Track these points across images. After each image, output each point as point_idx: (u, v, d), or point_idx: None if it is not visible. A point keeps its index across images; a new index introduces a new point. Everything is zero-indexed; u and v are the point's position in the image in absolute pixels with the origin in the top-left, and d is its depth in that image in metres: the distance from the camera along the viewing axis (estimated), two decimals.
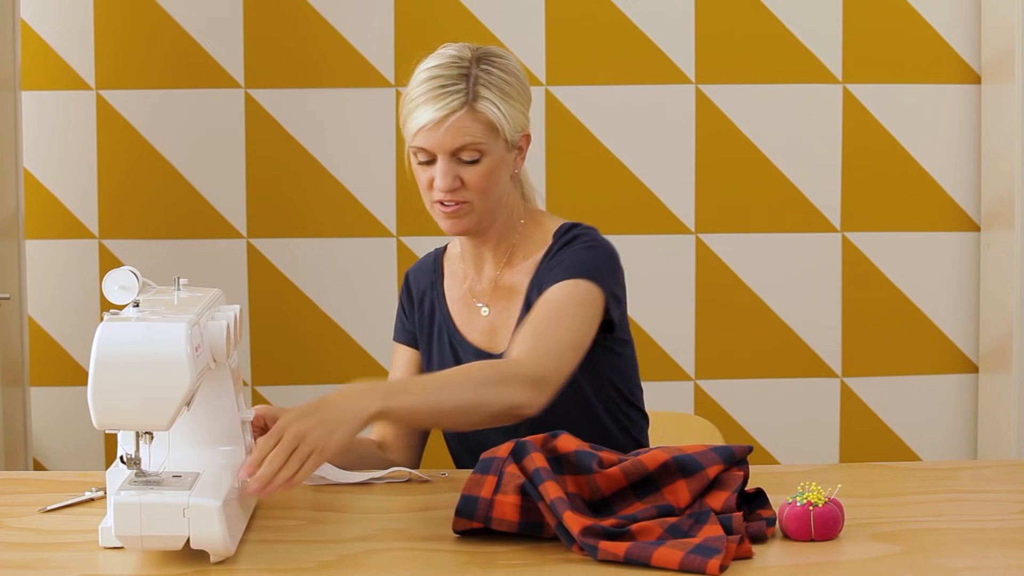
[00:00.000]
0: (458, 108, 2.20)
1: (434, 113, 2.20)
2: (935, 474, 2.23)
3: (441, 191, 2.23)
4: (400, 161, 3.65)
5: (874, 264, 3.71)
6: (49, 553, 1.86)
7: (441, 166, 2.22)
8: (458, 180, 2.22)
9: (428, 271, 2.43)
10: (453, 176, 2.22)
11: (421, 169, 2.26)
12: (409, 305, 2.42)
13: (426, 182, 2.25)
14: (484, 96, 2.22)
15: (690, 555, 1.76)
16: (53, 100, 3.61)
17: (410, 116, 2.23)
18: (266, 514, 2.03)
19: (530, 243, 2.35)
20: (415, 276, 2.44)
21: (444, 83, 2.21)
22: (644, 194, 3.66)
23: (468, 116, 2.21)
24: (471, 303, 2.37)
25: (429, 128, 2.21)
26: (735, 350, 3.70)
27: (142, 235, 3.64)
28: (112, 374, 1.76)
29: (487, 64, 2.24)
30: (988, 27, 3.62)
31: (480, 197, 2.24)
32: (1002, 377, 3.59)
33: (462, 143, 2.21)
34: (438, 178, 2.22)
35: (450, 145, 2.21)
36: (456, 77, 2.22)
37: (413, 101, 2.23)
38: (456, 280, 2.40)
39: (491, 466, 1.91)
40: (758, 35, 3.65)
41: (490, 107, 2.22)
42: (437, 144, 2.21)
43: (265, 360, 3.68)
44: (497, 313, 2.34)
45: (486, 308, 2.35)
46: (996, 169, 3.60)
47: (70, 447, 3.66)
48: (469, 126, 2.21)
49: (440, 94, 2.21)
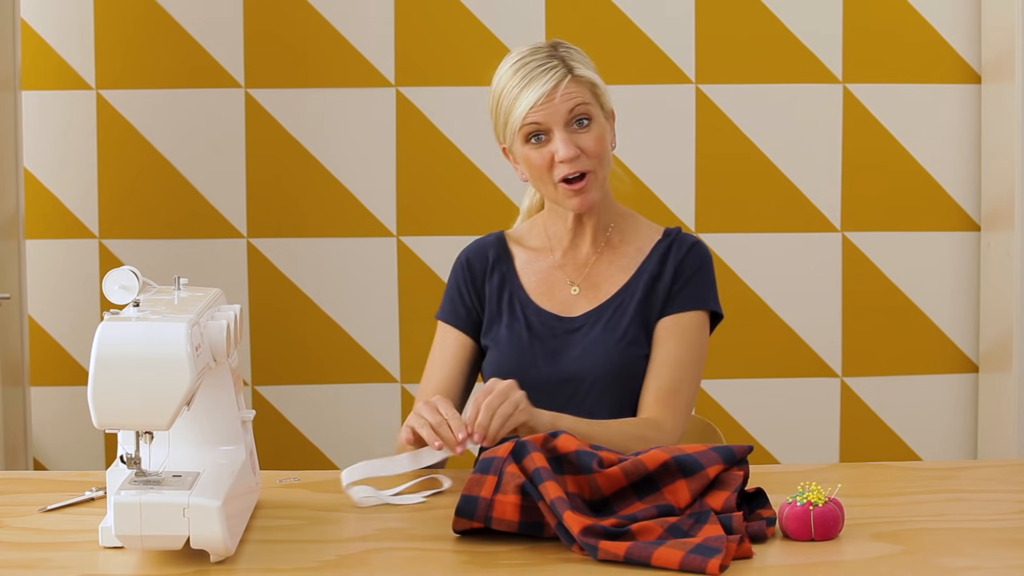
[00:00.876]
0: (563, 78, 2.32)
1: (543, 87, 2.31)
2: (935, 474, 2.23)
3: (565, 160, 2.31)
4: (400, 161, 3.66)
5: (874, 264, 3.71)
6: (49, 553, 1.86)
7: (560, 136, 2.32)
8: (577, 148, 2.32)
9: (493, 248, 2.47)
10: (574, 144, 2.32)
11: (534, 151, 2.34)
12: (471, 284, 2.45)
13: (544, 162, 2.33)
14: (579, 66, 2.35)
15: (690, 555, 1.76)
16: (53, 100, 3.61)
17: (516, 103, 2.33)
18: (266, 514, 2.03)
19: (627, 230, 2.45)
20: (476, 255, 2.48)
21: (539, 63, 2.34)
22: (644, 194, 3.66)
23: (573, 83, 2.33)
24: (559, 279, 2.43)
25: (542, 102, 2.31)
26: (735, 350, 3.70)
27: (142, 235, 3.64)
28: (112, 374, 1.76)
29: (564, 48, 2.38)
30: (988, 27, 3.62)
31: (599, 163, 2.35)
32: (1002, 377, 3.59)
33: (574, 105, 2.32)
34: (560, 148, 2.31)
35: (564, 111, 2.32)
36: (546, 58, 2.34)
37: (513, 90, 2.33)
38: (538, 255, 2.45)
39: (491, 466, 1.91)
40: (758, 35, 3.65)
41: (589, 72, 2.35)
42: (553, 114, 2.31)
43: (265, 360, 3.68)
44: (586, 291, 2.41)
45: (576, 287, 2.42)
46: (996, 169, 3.60)
47: (70, 447, 3.66)
48: (577, 90, 2.33)
49: (540, 72, 2.32)
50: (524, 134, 2.33)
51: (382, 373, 3.69)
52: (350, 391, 3.68)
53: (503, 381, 2.15)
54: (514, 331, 2.39)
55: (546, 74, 2.32)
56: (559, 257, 2.44)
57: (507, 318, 2.41)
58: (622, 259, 2.43)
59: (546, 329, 2.39)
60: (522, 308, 2.41)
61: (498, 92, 2.36)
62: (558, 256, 2.44)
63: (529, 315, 2.40)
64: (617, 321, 2.37)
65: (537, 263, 2.45)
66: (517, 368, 2.35)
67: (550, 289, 2.42)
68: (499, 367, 2.37)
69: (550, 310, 2.41)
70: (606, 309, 2.38)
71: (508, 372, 2.34)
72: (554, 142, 2.32)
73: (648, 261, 2.41)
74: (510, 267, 2.45)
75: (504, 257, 2.46)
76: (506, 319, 2.41)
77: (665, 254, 2.41)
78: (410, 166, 3.65)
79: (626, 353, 2.35)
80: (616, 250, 2.44)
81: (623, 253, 2.44)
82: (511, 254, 2.46)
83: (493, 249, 2.47)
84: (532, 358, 2.37)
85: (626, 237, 2.45)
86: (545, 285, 2.43)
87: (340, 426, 3.69)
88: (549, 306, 2.41)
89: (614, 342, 2.35)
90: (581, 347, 2.36)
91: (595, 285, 2.42)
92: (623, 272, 2.42)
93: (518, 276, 2.44)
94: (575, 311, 2.41)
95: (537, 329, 2.39)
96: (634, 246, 2.44)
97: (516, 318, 2.40)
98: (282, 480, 2.20)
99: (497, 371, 2.36)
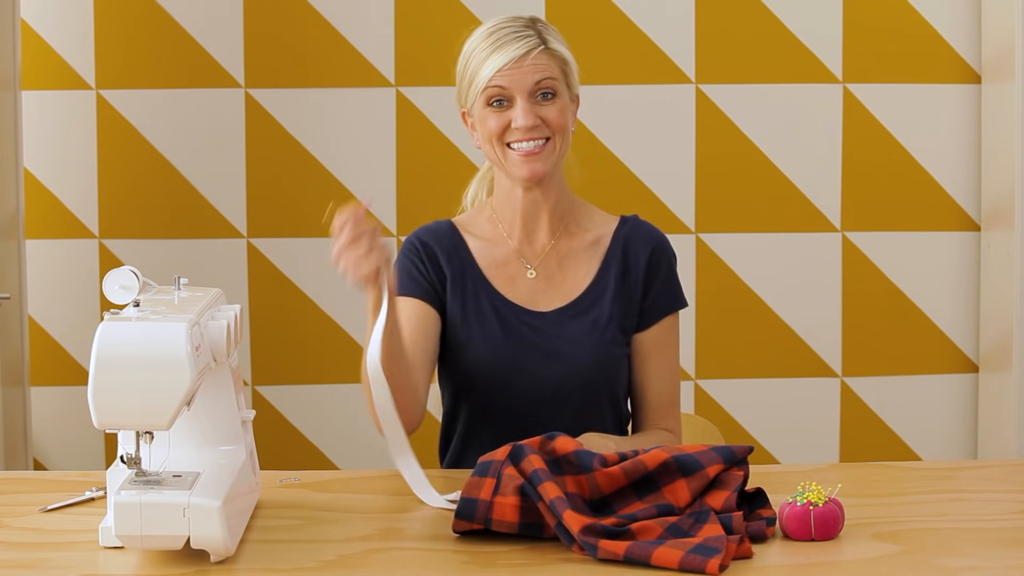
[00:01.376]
0: (535, 47, 2.31)
1: (513, 52, 2.29)
2: (935, 474, 2.23)
3: (523, 129, 2.29)
4: (400, 161, 3.66)
5: (874, 264, 3.71)
6: (49, 553, 1.86)
7: (522, 104, 2.29)
8: (538, 118, 2.29)
9: (446, 235, 2.41)
10: (534, 114, 2.29)
11: (493, 115, 2.31)
12: (428, 262, 2.38)
13: (498, 127, 2.31)
14: (553, 41, 2.34)
15: (690, 555, 1.76)
16: (53, 100, 3.61)
17: (483, 65, 2.31)
18: (266, 514, 2.03)
19: (582, 217, 2.42)
20: (429, 237, 2.41)
21: (514, 30, 2.32)
22: (644, 194, 3.66)
23: (545, 54, 2.32)
24: (517, 265, 2.39)
25: (510, 67, 2.29)
26: (735, 350, 3.70)
27: (142, 235, 3.64)
28: (112, 374, 1.76)
29: (542, 24, 2.37)
30: (988, 27, 3.62)
31: (560, 135, 2.32)
32: (1002, 377, 3.59)
33: (541, 77, 2.30)
34: (519, 117, 2.29)
35: (530, 81, 2.29)
36: (522, 27, 2.33)
37: (483, 51, 2.32)
38: (492, 244, 2.41)
39: (489, 468, 1.91)
40: (758, 35, 3.65)
41: (562, 48, 2.34)
42: (518, 80, 2.29)
43: (265, 360, 3.68)
44: (546, 277, 2.38)
45: (533, 271, 2.39)
46: (996, 169, 3.60)
47: (70, 447, 3.66)
48: (547, 63, 2.31)
49: (514, 38, 2.31)
50: (487, 97, 2.30)
51: None
52: (350, 391, 3.68)
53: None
54: (487, 326, 2.35)
55: (518, 41, 2.30)
56: (515, 244, 2.40)
57: (474, 312, 2.36)
58: (581, 247, 2.40)
59: (520, 323, 2.35)
60: (489, 300, 2.36)
61: (467, 54, 2.34)
62: (514, 243, 2.40)
63: (499, 308, 2.36)
64: (595, 319, 2.35)
65: (494, 251, 2.40)
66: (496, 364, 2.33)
67: (512, 278, 2.38)
68: (477, 364, 2.34)
69: (517, 301, 2.37)
70: (581, 306, 2.36)
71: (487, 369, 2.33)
72: (514, 109, 2.29)
73: (612, 253, 2.39)
74: (468, 255, 2.39)
75: (460, 245, 2.40)
76: (473, 313, 2.36)
77: (628, 245, 2.39)
78: (410, 166, 3.65)
79: (607, 352, 2.34)
80: (574, 237, 2.40)
81: (581, 240, 2.40)
82: (465, 243, 2.41)
83: (446, 236, 2.41)
84: (509, 353, 2.34)
85: (583, 224, 2.41)
86: (505, 273, 2.39)
87: (340, 426, 3.69)
88: (515, 296, 2.37)
89: (596, 341, 2.34)
90: (561, 344, 2.34)
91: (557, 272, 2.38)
92: (587, 264, 2.39)
93: (478, 266, 2.39)
94: (540, 305, 2.37)
95: (510, 323, 2.35)
96: (592, 233, 2.41)
97: (484, 312, 2.36)
98: (282, 480, 2.20)
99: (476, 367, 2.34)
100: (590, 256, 2.40)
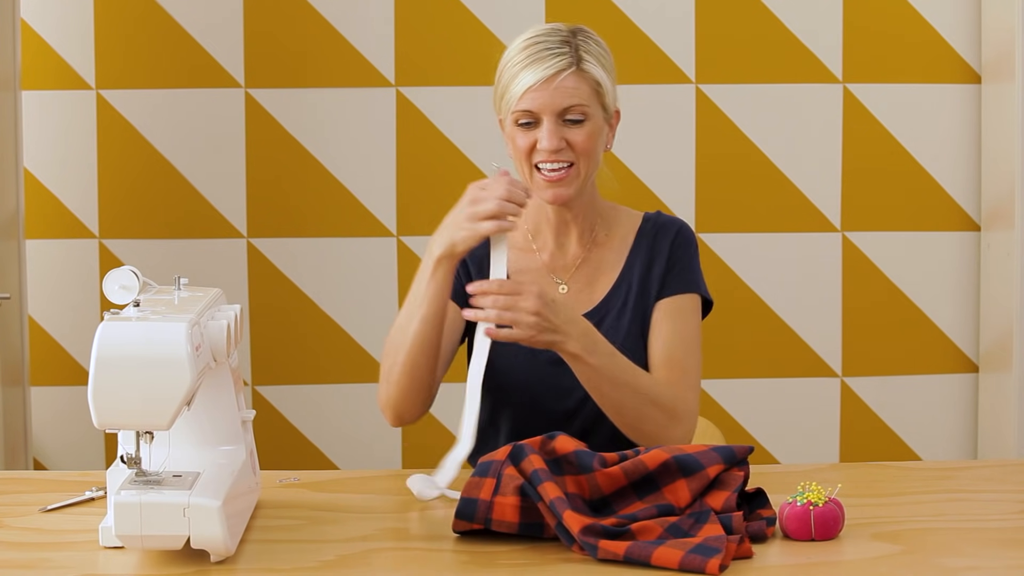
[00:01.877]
0: (566, 68, 2.24)
1: (543, 72, 2.23)
2: (935, 474, 2.23)
3: (547, 151, 2.25)
4: (400, 161, 3.66)
5: (874, 264, 3.71)
6: (49, 553, 1.86)
7: (548, 126, 2.25)
8: (563, 141, 2.25)
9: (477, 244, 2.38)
10: (559, 137, 2.25)
11: (521, 132, 2.27)
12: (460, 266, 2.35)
13: (526, 146, 2.27)
14: (588, 60, 2.27)
15: (690, 555, 1.76)
16: (53, 100, 3.61)
17: (514, 79, 2.25)
18: (266, 514, 2.03)
19: (611, 222, 2.39)
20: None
21: (549, 46, 2.25)
22: (644, 194, 3.66)
23: (576, 76, 2.25)
24: (547, 279, 2.36)
25: (537, 88, 2.23)
26: (735, 350, 3.70)
27: (142, 235, 3.64)
28: (112, 374, 1.76)
29: (584, 36, 2.29)
30: (988, 27, 3.62)
31: (585, 160, 2.28)
32: (1002, 377, 3.59)
33: (569, 103, 2.24)
34: (544, 139, 2.24)
35: (558, 104, 2.24)
36: (559, 43, 2.26)
37: (516, 66, 2.26)
38: (523, 255, 2.39)
39: (489, 469, 1.91)
40: (758, 35, 3.65)
41: (596, 69, 2.27)
42: (546, 103, 2.24)
43: (265, 360, 3.68)
44: (577, 291, 2.36)
45: (565, 286, 2.36)
46: (996, 169, 3.60)
47: (70, 447, 3.66)
48: (576, 86, 2.25)
49: (547, 55, 2.24)
50: (515, 117, 2.27)
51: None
52: (350, 391, 3.68)
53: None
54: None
55: (551, 59, 2.24)
56: (546, 258, 2.39)
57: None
58: (609, 254, 2.38)
59: None
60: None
61: (504, 63, 2.29)
62: (545, 257, 2.39)
63: None
64: (616, 323, 2.34)
65: (524, 262, 2.39)
66: (519, 378, 2.33)
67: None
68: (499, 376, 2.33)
69: None
70: (603, 311, 2.35)
71: (510, 383, 2.32)
72: (541, 130, 2.25)
73: (635, 251, 2.37)
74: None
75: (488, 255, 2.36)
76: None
77: (652, 239, 2.37)
78: (410, 166, 3.65)
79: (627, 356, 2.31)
80: (603, 246, 2.39)
81: (609, 247, 2.39)
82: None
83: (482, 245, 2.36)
84: (533, 366, 2.33)
85: (611, 231, 2.40)
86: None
87: (340, 426, 3.69)
88: None
89: (617, 345, 2.30)
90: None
91: (587, 284, 2.37)
92: (613, 268, 2.37)
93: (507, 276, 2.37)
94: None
95: None
96: (618, 237, 2.39)
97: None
98: (282, 480, 2.20)
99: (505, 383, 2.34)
100: (617, 258, 2.38)
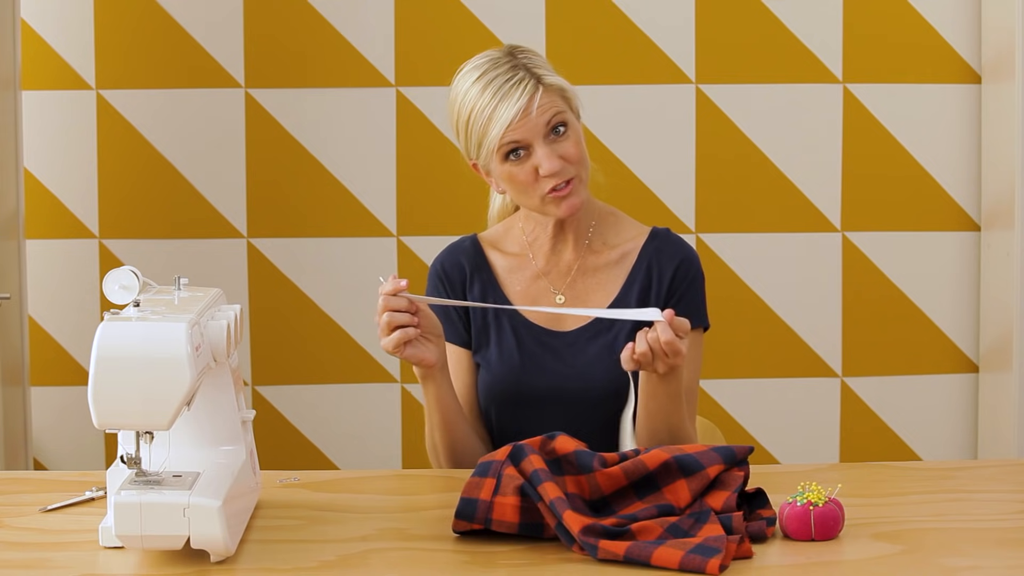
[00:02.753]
0: (534, 90, 2.25)
1: (517, 104, 2.24)
2: (935, 474, 2.23)
3: (550, 172, 2.25)
4: (400, 160, 3.65)
5: (874, 264, 3.71)
6: (49, 553, 1.86)
7: (541, 151, 2.25)
8: (560, 159, 2.26)
9: (468, 255, 2.41)
10: (556, 156, 2.25)
11: (516, 167, 2.27)
12: (452, 290, 2.39)
13: (528, 177, 2.27)
14: (543, 73, 2.28)
15: (690, 555, 1.76)
16: (53, 100, 3.61)
17: (490, 122, 2.25)
18: (266, 514, 2.03)
19: (608, 232, 2.39)
20: (450, 263, 2.41)
21: (505, 78, 2.26)
22: (644, 194, 3.66)
23: (545, 93, 2.26)
24: (544, 289, 2.37)
25: (519, 119, 2.24)
26: (735, 350, 3.70)
27: (142, 235, 3.64)
28: (112, 374, 1.76)
29: (523, 53, 2.30)
30: (988, 27, 3.62)
31: (581, 167, 2.29)
32: (1002, 377, 3.59)
33: (551, 116, 2.26)
34: (544, 162, 2.25)
35: (542, 124, 2.25)
36: (510, 70, 2.27)
37: (485, 109, 2.25)
38: (519, 263, 2.40)
39: (489, 469, 1.91)
40: (758, 35, 3.65)
41: (554, 78, 2.29)
42: (532, 128, 2.24)
43: (265, 360, 3.68)
44: (573, 298, 2.36)
45: (562, 296, 2.37)
46: (996, 169, 3.60)
47: (70, 447, 3.66)
48: (550, 100, 2.27)
49: (508, 87, 2.25)
50: (503, 153, 2.26)
51: (382, 373, 3.69)
52: (350, 391, 3.68)
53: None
54: (504, 349, 2.35)
55: (516, 88, 2.24)
56: (542, 264, 2.38)
57: (495, 334, 2.36)
58: (607, 266, 2.37)
59: (538, 344, 2.34)
60: (510, 322, 2.36)
61: (467, 110, 2.27)
62: (540, 263, 2.38)
63: (519, 329, 2.35)
64: (612, 338, 2.33)
65: (519, 271, 2.39)
66: (510, 386, 2.33)
67: (536, 301, 2.37)
68: (491, 387, 2.35)
69: (539, 323, 2.36)
70: (600, 327, 2.33)
71: (500, 391, 2.33)
72: (535, 156, 2.25)
73: (637, 269, 2.36)
74: (490, 276, 2.39)
75: (483, 265, 2.40)
76: (494, 335, 2.36)
77: (654, 260, 2.36)
78: (410, 166, 3.65)
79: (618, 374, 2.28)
80: (600, 255, 2.38)
81: (607, 259, 2.38)
82: (489, 261, 2.41)
83: (468, 256, 2.41)
84: (524, 375, 2.33)
85: (609, 240, 2.39)
86: (530, 296, 2.38)
87: (340, 426, 3.69)
88: (537, 318, 2.36)
89: (610, 360, 2.29)
90: (577, 366, 2.33)
91: (582, 294, 2.37)
92: (612, 282, 2.36)
93: (501, 287, 2.39)
94: (565, 325, 2.36)
95: (528, 345, 2.34)
96: (618, 250, 2.38)
97: (504, 333, 2.36)
98: (282, 480, 2.20)
99: (489, 390, 2.35)
100: (616, 274, 2.37)
